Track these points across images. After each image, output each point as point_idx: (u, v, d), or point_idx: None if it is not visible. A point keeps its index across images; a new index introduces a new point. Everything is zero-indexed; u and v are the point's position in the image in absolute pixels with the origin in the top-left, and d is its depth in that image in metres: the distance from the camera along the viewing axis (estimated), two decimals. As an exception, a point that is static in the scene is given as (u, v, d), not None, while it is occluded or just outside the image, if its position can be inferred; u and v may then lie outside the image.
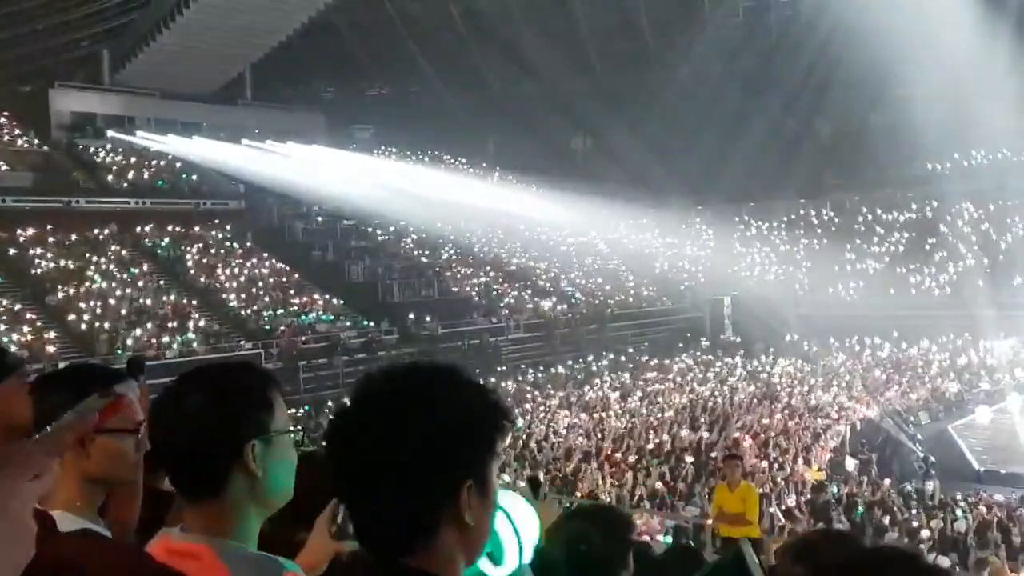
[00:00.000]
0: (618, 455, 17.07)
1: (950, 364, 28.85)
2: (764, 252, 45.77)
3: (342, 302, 34.11)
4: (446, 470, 1.14)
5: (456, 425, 1.15)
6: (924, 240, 42.43)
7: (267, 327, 30.42)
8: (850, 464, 17.43)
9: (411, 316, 33.53)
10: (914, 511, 13.53)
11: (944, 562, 10.38)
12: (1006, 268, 36.88)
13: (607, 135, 51.46)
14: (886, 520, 12.93)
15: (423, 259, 41.46)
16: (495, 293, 39.13)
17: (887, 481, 15.92)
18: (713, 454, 16.71)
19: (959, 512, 13.21)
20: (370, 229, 42.47)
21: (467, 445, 1.16)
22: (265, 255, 37.26)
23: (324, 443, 1.22)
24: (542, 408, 23.77)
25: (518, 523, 1.43)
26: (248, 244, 38.22)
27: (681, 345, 36.06)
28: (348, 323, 32.28)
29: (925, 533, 12.03)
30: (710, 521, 9.28)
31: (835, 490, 15.02)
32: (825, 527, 9.85)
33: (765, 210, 49.29)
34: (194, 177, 41.46)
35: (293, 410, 22.23)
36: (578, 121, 53.13)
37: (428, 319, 33.52)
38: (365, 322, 32.53)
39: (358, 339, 30.90)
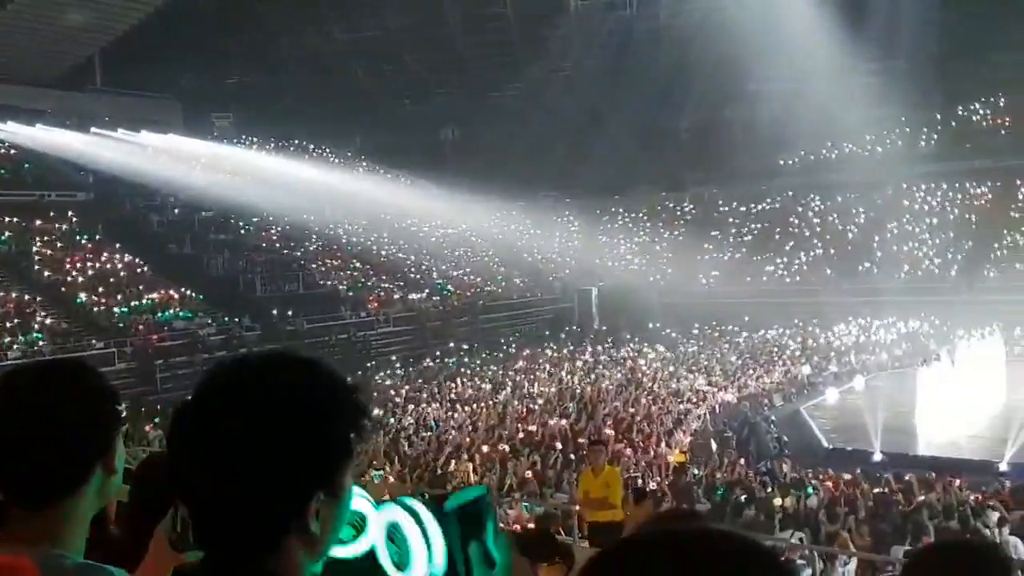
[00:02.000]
0: (485, 447, 17.12)
1: (801, 348, 30.40)
2: (628, 243, 47.05)
3: (201, 298, 32.84)
4: (294, 480, 1.02)
5: (310, 429, 1.03)
6: (776, 231, 44.62)
7: (120, 324, 28.95)
8: (714, 446, 18.09)
9: (275, 311, 32.64)
10: (770, 489, 14.16)
11: (798, 537, 10.90)
12: (851, 257, 39.24)
13: (475, 127, 51.63)
14: (744, 499, 13.47)
15: (287, 252, 40.43)
16: (363, 286, 38.59)
17: (743, 461, 16.62)
18: (581, 440, 16.99)
19: (810, 489, 13.92)
20: (231, 221, 41.07)
21: (320, 452, 1.04)
22: (117, 249, 35.44)
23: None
24: (412, 402, 23.59)
25: (429, 531, 1.35)
26: (99, 237, 36.25)
27: (549, 334, 36.59)
28: (208, 320, 31.11)
29: (780, 510, 12.59)
30: (577, 507, 9.41)
31: (696, 472, 15.56)
32: (680, 508, 10.16)
33: (629, 203, 50.66)
34: (38, 167, 38.95)
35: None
36: (446, 112, 53.02)
37: (293, 314, 32.70)
38: (226, 319, 31.44)
39: (218, 336, 29.82)
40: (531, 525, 10.62)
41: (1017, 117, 43.73)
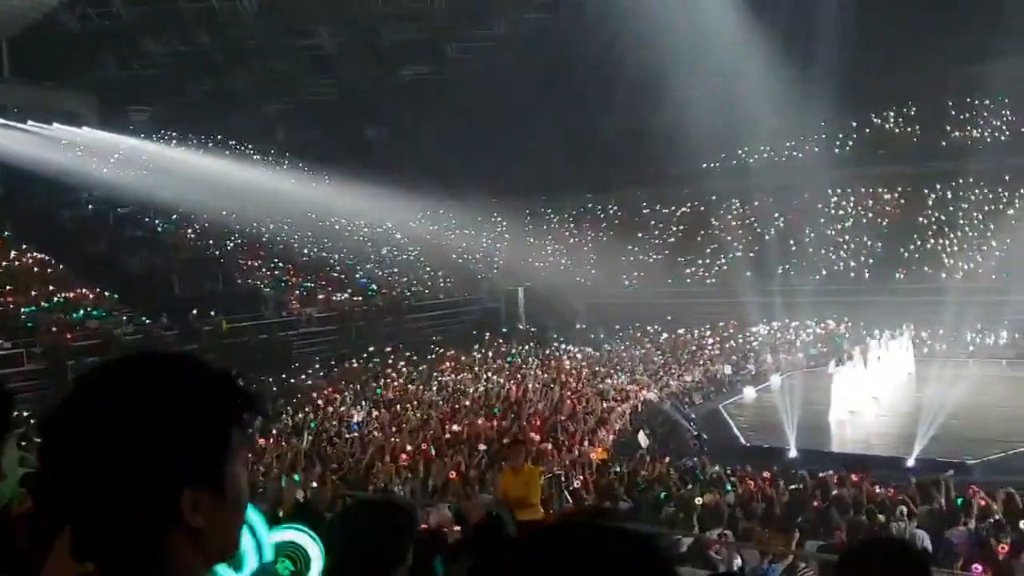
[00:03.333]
0: (409, 447, 17.02)
1: (721, 348, 31.04)
2: (555, 245, 47.37)
3: (116, 297, 31.83)
4: (154, 477, 1.00)
5: (166, 424, 1.01)
6: (697, 233, 45.47)
7: (29, 324, 27.86)
8: (644, 442, 18.34)
9: (194, 311, 31.83)
10: (689, 486, 14.40)
11: (718, 533, 11.09)
12: (769, 259, 40.16)
13: (403, 126, 51.27)
14: (663, 496, 13.67)
15: (207, 250, 39.47)
16: (285, 286, 37.95)
17: (667, 459, 16.89)
18: (506, 440, 17.01)
19: (728, 486, 14.20)
20: (148, 218, 39.91)
21: (181, 447, 1.01)
22: (27, 246, 34.12)
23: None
24: (335, 403, 23.30)
25: (254, 524, 1.35)
26: (7, 234, 34.84)
27: (476, 334, 36.55)
28: (124, 319, 30.17)
29: (700, 508, 12.81)
30: (500, 507, 9.42)
31: (617, 469, 15.75)
32: (591, 504, 10.28)
33: (556, 204, 51.00)
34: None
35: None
36: (372, 111, 52.54)
37: (213, 314, 31.94)
38: (143, 318, 30.54)
39: (134, 336, 28.93)
40: (456, 528, 10.57)
41: (926, 126, 45.51)
